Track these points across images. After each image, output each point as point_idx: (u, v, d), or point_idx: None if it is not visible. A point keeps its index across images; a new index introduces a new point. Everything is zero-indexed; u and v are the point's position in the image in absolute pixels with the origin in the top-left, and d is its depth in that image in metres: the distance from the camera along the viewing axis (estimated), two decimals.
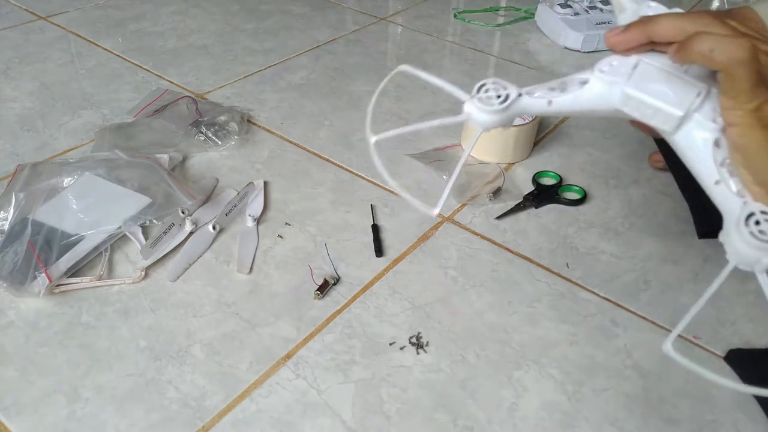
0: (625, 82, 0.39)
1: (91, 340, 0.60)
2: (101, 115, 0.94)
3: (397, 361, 0.59)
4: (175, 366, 0.57)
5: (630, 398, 0.57)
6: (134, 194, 0.72)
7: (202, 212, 0.74)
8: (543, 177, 0.84)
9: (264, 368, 0.58)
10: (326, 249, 0.71)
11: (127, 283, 0.65)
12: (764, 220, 0.34)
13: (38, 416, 0.53)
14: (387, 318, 0.63)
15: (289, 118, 0.95)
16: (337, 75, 1.08)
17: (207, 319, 0.62)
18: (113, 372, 0.57)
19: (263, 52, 1.14)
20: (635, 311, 0.65)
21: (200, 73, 1.07)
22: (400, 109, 0.98)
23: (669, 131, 0.39)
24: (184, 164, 0.83)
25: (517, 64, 1.15)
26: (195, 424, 0.53)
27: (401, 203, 0.78)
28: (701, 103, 0.38)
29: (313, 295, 0.64)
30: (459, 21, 1.31)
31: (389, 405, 0.55)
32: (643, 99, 0.38)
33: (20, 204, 0.69)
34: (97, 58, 1.10)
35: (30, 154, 0.84)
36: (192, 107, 0.91)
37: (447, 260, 0.70)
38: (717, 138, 0.37)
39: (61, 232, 0.67)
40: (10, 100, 0.96)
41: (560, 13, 1.22)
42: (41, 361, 0.57)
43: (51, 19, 1.23)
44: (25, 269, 0.63)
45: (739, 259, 0.34)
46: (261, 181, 0.80)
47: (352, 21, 1.29)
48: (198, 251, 0.70)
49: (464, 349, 0.60)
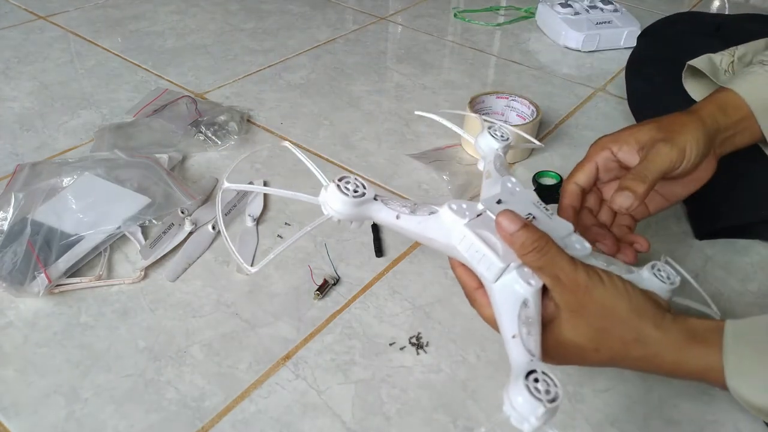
0: (466, 222, 0.43)
1: (90, 340, 0.59)
2: (100, 115, 0.93)
3: (397, 362, 0.59)
4: (175, 366, 0.57)
5: (630, 399, 0.57)
6: (134, 194, 0.72)
7: (201, 212, 0.74)
8: (543, 177, 0.83)
9: (263, 369, 0.57)
10: (326, 249, 0.71)
11: (126, 283, 0.65)
12: (543, 379, 0.36)
13: (37, 417, 0.53)
14: (387, 318, 0.63)
15: (289, 117, 0.95)
16: (337, 75, 1.08)
17: (206, 319, 0.62)
18: (112, 372, 0.57)
19: (263, 52, 1.14)
20: None
21: (200, 72, 1.06)
22: (401, 109, 0.98)
23: (490, 279, 0.42)
24: (183, 164, 0.83)
25: (517, 63, 1.15)
26: (194, 425, 0.53)
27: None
28: (522, 265, 0.42)
29: (313, 295, 0.64)
30: (459, 20, 1.31)
31: (389, 405, 0.55)
32: (475, 242, 0.43)
33: (19, 204, 0.68)
34: (97, 58, 1.10)
35: (29, 154, 0.84)
36: (191, 107, 0.91)
37: (447, 260, 0.70)
38: (527, 299, 0.41)
39: (61, 232, 0.67)
40: (9, 100, 0.96)
41: (560, 12, 1.21)
42: (40, 361, 0.57)
43: (50, 18, 1.23)
44: (25, 269, 0.62)
45: (513, 414, 0.35)
46: (261, 181, 0.80)
47: (352, 20, 1.29)
48: (197, 251, 0.69)
49: (464, 350, 0.60)
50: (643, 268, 0.50)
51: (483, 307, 0.45)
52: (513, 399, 0.35)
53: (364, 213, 0.44)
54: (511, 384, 0.36)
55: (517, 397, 0.35)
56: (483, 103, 0.90)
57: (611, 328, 0.42)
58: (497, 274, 0.42)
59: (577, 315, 0.42)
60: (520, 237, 0.41)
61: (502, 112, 0.92)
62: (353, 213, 0.43)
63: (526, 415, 0.35)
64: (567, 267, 0.41)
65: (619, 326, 0.42)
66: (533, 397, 0.35)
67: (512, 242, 0.42)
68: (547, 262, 0.41)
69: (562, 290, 0.41)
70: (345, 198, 0.42)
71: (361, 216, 0.44)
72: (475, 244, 0.43)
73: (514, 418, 0.35)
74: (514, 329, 0.40)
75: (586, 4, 1.25)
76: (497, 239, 0.43)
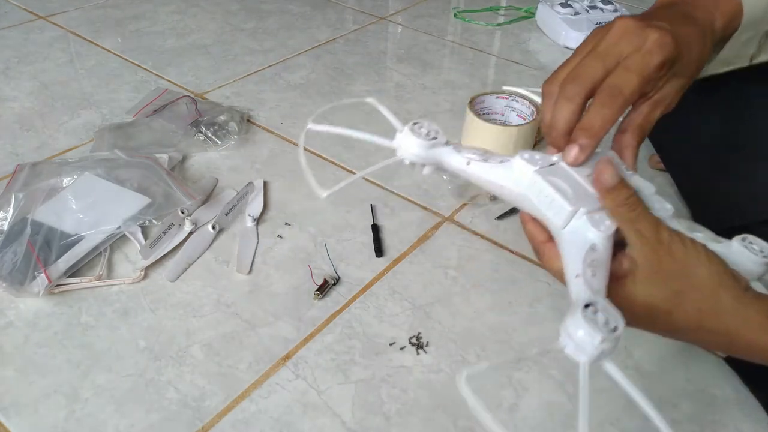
0: (537, 169, 0.43)
1: (91, 340, 0.59)
2: (100, 115, 0.93)
3: (397, 362, 0.59)
4: (175, 366, 0.57)
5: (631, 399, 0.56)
6: (134, 194, 0.72)
7: (201, 212, 0.74)
8: None
9: (264, 368, 0.58)
10: (326, 249, 0.71)
11: (126, 283, 0.65)
12: (603, 312, 0.35)
13: (37, 416, 0.53)
14: (387, 318, 0.63)
15: (289, 117, 0.95)
16: (337, 75, 1.08)
17: (206, 319, 0.62)
18: (113, 372, 0.57)
19: (263, 52, 1.14)
20: None
21: (200, 72, 1.06)
22: (401, 109, 0.98)
23: (559, 224, 0.42)
24: (183, 164, 0.83)
25: (517, 63, 1.15)
26: (194, 425, 0.53)
27: (401, 203, 0.78)
28: (593, 211, 0.41)
29: (313, 295, 0.64)
30: (459, 20, 1.31)
31: (389, 405, 0.55)
32: (545, 187, 0.42)
33: (19, 204, 0.68)
34: (97, 58, 1.10)
35: (29, 154, 0.84)
36: (191, 107, 0.91)
37: (447, 260, 0.70)
38: (595, 244, 0.41)
39: (61, 232, 0.67)
40: (9, 100, 0.96)
41: (560, 12, 1.21)
42: (40, 361, 0.57)
43: (50, 18, 1.23)
44: (25, 269, 0.62)
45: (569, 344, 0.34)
46: (261, 181, 0.80)
47: (352, 20, 1.29)
48: (197, 251, 0.69)
49: (464, 350, 0.60)
50: (732, 239, 0.46)
51: (551, 260, 0.44)
52: (570, 329, 0.34)
53: (435, 157, 0.44)
54: (568, 316, 0.35)
55: (576, 329, 0.34)
56: (483, 102, 0.90)
57: (688, 292, 0.40)
58: (567, 218, 0.41)
59: (655, 273, 0.40)
60: (616, 188, 0.41)
61: (502, 112, 0.92)
62: (425, 156, 0.44)
63: (584, 345, 0.34)
64: (652, 223, 0.40)
65: (696, 292, 0.40)
66: (591, 326, 0.34)
67: (606, 192, 0.41)
68: (634, 217, 0.40)
69: (643, 245, 0.40)
70: (418, 140, 0.43)
71: (433, 160, 0.45)
72: (545, 190, 0.42)
73: (570, 348, 0.34)
74: (579, 270, 0.39)
75: (586, 4, 1.25)
76: (567, 186, 0.42)
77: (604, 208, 0.42)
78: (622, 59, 0.43)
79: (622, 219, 0.41)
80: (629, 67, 0.43)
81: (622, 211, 0.41)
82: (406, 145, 0.44)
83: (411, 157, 0.44)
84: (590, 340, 0.33)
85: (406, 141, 0.44)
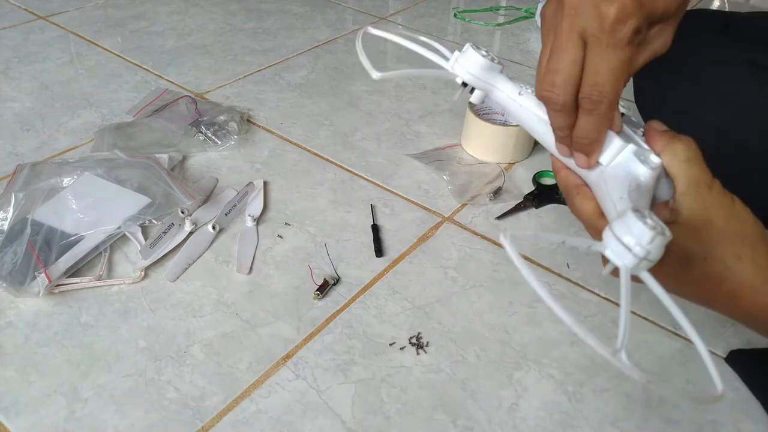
0: None
1: (91, 340, 0.59)
2: (100, 115, 0.93)
3: (397, 362, 0.59)
4: (175, 366, 0.57)
5: (630, 398, 0.57)
6: (134, 194, 0.72)
7: (201, 212, 0.74)
8: (543, 177, 0.83)
9: (264, 368, 0.58)
10: (326, 249, 0.71)
11: (126, 284, 0.65)
12: (650, 217, 0.33)
13: (38, 416, 0.53)
14: (387, 318, 0.63)
15: (289, 117, 0.95)
16: (337, 75, 1.08)
17: (206, 319, 0.62)
18: (113, 372, 0.57)
19: (263, 52, 1.14)
20: (636, 311, 0.65)
21: (200, 72, 1.06)
22: (401, 108, 0.98)
23: (605, 161, 0.41)
24: (183, 164, 0.83)
25: (518, 63, 1.15)
26: (195, 425, 0.53)
27: (401, 203, 0.78)
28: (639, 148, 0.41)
29: (313, 295, 0.64)
30: (459, 20, 1.31)
31: (389, 405, 0.55)
32: None
33: (19, 204, 0.68)
34: (97, 58, 1.10)
35: (29, 154, 0.84)
36: (191, 107, 0.91)
37: (447, 260, 0.70)
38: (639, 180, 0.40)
39: (61, 232, 0.67)
40: (9, 100, 0.96)
41: None
42: (41, 361, 0.57)
43: (50, 18, 1.23)
44: (25, 269, 0.62)
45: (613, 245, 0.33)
46: (261, 181, 0.80)
47: (352, 20, 1.29)
48: (198, 251, 0.69)
49: (464, 350, 0.60)
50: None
51: (584, 202, 0.43)
52: (618, 231, 0.32)
53: (490, 81, 0.44)
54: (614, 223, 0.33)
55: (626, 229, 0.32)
56: (483, 102, 0.90)
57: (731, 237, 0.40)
58: (615, 153, 0.41)
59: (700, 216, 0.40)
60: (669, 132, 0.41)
61: (502, 112, 0.92)
62: (482, 76, 0.44)
63: (633, 243, 0.32)
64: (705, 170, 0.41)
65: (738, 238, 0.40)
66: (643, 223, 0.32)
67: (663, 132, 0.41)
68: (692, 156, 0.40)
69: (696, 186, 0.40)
70: (479, 58, 0.43)
71: (487, 83, 0.44)
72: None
73: (613, 250, 0.33)
74: (623, 193, 0.38)
75: None
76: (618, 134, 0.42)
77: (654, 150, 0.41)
78: (589, 50, 0.40)
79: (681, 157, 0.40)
80: (602, 60, 0.40)
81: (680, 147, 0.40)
82: (465, 62, 0.43)
83: (467, 76, 0.44)
84: (641, 236, 0.32)
85: (466, 58, 0.43)
